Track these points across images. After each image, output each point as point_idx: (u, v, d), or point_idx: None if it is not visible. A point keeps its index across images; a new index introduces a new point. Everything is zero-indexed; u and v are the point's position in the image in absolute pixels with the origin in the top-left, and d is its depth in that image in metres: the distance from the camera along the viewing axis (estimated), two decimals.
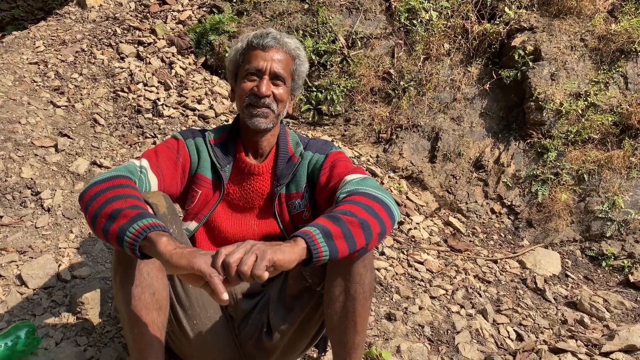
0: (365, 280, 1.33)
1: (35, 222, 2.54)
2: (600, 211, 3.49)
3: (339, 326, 1.37)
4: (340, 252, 1.17)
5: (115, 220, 1.15)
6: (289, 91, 1.62)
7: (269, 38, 1.56)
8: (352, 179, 1.44)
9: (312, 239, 1.12)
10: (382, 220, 1.27)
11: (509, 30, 4.12)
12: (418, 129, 4.07)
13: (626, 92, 3.77)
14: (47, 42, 4.24)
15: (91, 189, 1.26)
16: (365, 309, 1.37)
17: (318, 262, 1.14)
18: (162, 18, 4.55)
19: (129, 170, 1.38)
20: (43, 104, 3.46)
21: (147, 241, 1.11)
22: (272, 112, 1.57)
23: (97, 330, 2.01)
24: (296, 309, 1.53)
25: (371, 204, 1.28)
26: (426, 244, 3.18)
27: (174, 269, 1.06)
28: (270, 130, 1.62)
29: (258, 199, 1.66)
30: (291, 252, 1.08)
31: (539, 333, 2.47)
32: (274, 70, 1.55)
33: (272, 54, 1.55)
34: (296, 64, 1.62)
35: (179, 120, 3.53)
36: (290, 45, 1.59)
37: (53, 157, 2.98)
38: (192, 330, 1.55)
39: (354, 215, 1.22)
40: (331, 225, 1.17)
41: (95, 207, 1.20)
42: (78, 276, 2.24)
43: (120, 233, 1.13)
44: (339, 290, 1.34)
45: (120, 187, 1.25)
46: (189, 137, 1.66)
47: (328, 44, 4.16)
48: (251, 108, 1.56)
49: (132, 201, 1.20)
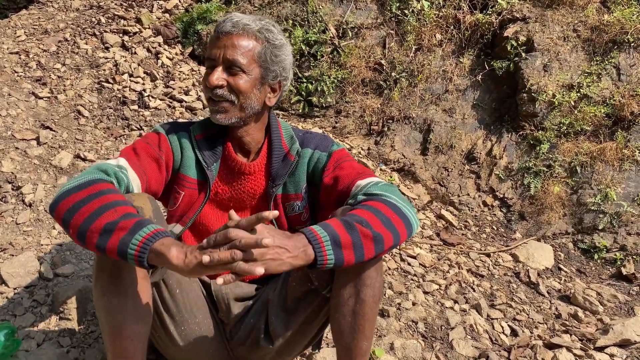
0: (377, 283, 1.27)
1: (16, 218, 2.45)
2: (592, 203, 3.47)
3: (348, 331, 1.31)
4: (346, 262, 1.12)
5: (112, 234, 1.06)
6: (255, 80, 1.40)
7: (227, 22, 1.38)
8: (369, 182, 1.35)
9: (319, 244, 1.09)
10: (398, 233, 1.21)
11: (501, 21, 4.06)
12: (410, 121, 4.01)
13: (619, 83, 3.74)
14: (29, 31, 4.11)
15: (65, 199, 1.13)
16: (375, 314, 1.31)
17: (322, 268, 1.11)
18: (148, 7, 4.44)
19: (101, 170, 1.24)
20: (24, 95, 3.35)
21: (153, 253, 1.05)
22: (232, 105, 1.39)
23: (81, 330, 1.94)
24: (299, 311, 1.45)
25: (390, 215, 1.21)
26: (419, 238, 3.14)
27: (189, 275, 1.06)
28: (242, 125, 1.46)
29: (250, 199, 1.54)
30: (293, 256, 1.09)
31: (534, 328, 2.44)
32: (227, 57, 1.35)
33: (227, 41, 1.36)
34: (265, 48, 1.39)
35: (165, 112, 3.44)
36: (251, 27, 1.38)
37: (35, 150, 2.88)
38: (180, 336, 1.48)
39: (370, 227, 1.16)
40: (343, 232, 1.12)
41: (81, 220, 1.10)
42: (61, 274, 2.17)
43: (123, 246, 1.05)
44: (349, 294, 1.27)
45: (102, 195, 1.14)
46: (171, 132, 1.50)
47: (318, 34, 4.08)
48: (212, 103, 1.41)
49: (121, 209, 1.11)
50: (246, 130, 1.48)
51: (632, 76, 3.73)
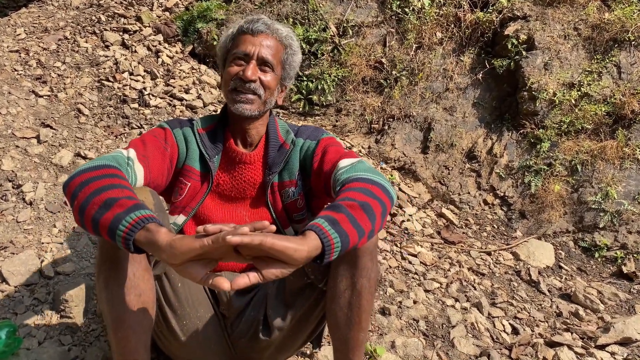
0: (372, 274, 1.28)
1: (16, 217, 2.45)
2: (593, 202, 3.47)
3: (343, 322, 1.32)
4: (350, 237, 1.09)
5: (110, 209, 1.06)
6: (278, 80, 1.55)
7: (259, 23, 1.50)
8: (345, 164, 1.38)
9: (320, 229, 1.05)
10: (381, 199, 1.21)
11: (502, 19, 4.06)
12: (410, 119, 4.01)
13: (619, 81, 3.74)
14: (29, 29, 4.10)
15: (78, 177, 1.17)
16: (371, 305, 1.32)
17: (331, 254, 1.06)
18: (148, 5, 4.43)
19: (117, 161, 1.29)
20: (24, 93, 3.35)
21: (145, 231, 1.03)
22: (259, 98, 1.50)
23: (82, 328, 1.94)
24: (297, 305, 1.48)
25: (366, 186, 1.23)
26: (419, 236, 3.13)
27: (176, 256, 0.98)
28: (257, 118, 1.55)
29: (250, 188, 1.60)
30: (300, 242, 1.01)
31: (535, 326, 2.44)
32: (262, 55, 1.48)
33: (261, 39, 1.49)
34: (287, 53, 1.55)
35: (165, 111, 3.44)
36: (281, 33, 1.53)
37: (35, 148, 2.87)
38: (181, 330, 1.49)
39: (352, 199, 1.16)
40: (333, 213, 1.11)
41: (87, 193, 1.11)
42: (62, 272, 2.16)
43: (115, 222, 1.04)
44: (345, 285, 1.29)
45: (113, 177, 1.17)
46: (176, 126, 1.58)
47: (319, 32, 4.07)
48: (235, 93, 1.49)
49: (127, 192, 1.12)
50: (255, 124, 1.57)
51: (632, 74, 3.73)
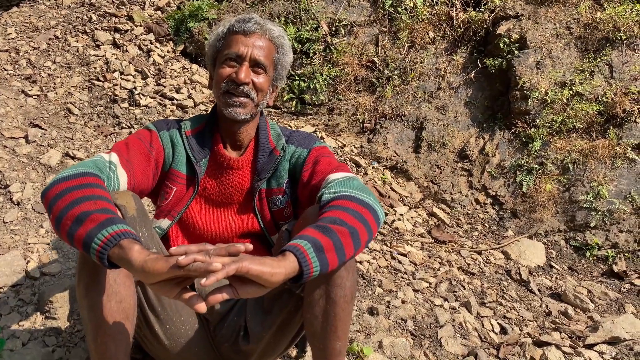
0: (347, 283, 1.25)
1: (3, 217, 2.44)
2: (584, 201, 3.47)
3: (319, 331, 1.30)
4: (330, 265, 1.10)
5: (82, 224, 1.06)
6: (270, 81, 1.52)
7: (251, 23, 1.46)
8: (336, 178, 1.36)
9: (302, 254, 1.05)
10: (370, 226, 1.21)
11: (494, 18, 4.06)
12: (402, 119, 4.00)
13: (611, 81, 3.73)
14: (20, 28, 4.08)
15: (55, 186, 1.16)
16: (347, 313, 1.29)
17: (308, 277, 1.06)
18: (140, 4, 4.42)
19: (97, 167, 1.27)
20: (14, 93, 3.33)
21: (118, 248, 1.02)
22: (251, 101, 1.46)
23: (67, 330, 1.93)
24: (274, 311, 1.45)
25: (359, 209, 1.21)
26: (410, 236, 3.13)
27: (148, 277, 0.98)
28: (249, 121, 1.52)
29: (237, 194, 1.57)
30: (276, 265, 1.00)
31: (523, 326, 2.44)
32: (254, 57, 1.44)
33: (253, 40, 1.45)
34: (279, 53, 1.51)
35: (156, 110, 3.43)
36: (274, 33, 1.49)
37: (23, 148, 2.86)
38: (165, 334, 1.47)
39: (344, 223, 1.15)
40: (321, 236, 1.10)
41: (61, 207, 1.11)
42: (48, 273, 2.15)
43: (88, 239, 1.04)
44: (319, 294, 1.27)
45: (88, 187, 1.15)
46: (163, 128, 1.54)
47: (311, 31, 4.06)
48: (228, 97, 1.45)
49: (102, 203, 1.11)
50: (245, 127, 1.54)
51: (624, 73, 3.72)
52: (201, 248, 1.02)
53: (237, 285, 1.01)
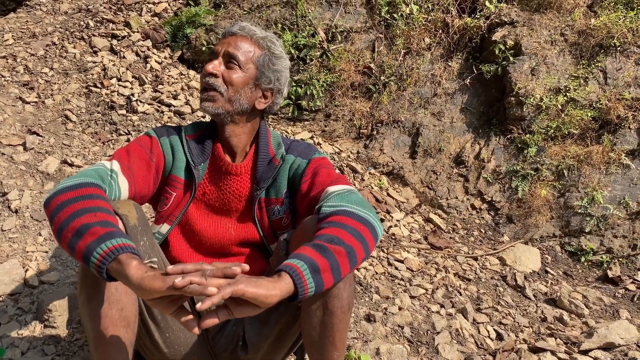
0: (344, 294, 1.26)
1: (1, 225, 2.44)
2: (579, 206, 3.50)
3: (317, 342, 1.31)
4: (325, 285, 1.12)
5: (82, 237, 1.08)
6: (248, 79, 1.49)
7: (235, 27, 1.52)
8: (335, 191, 1.36)
9: (298, 275, 1.07)
10: (367, 244, 1.22)
11: (489, 25, 4.09)
12: (399, 125, 4.03)
13: (605, 87, 3.77)
14: (17, 34, 4.09)
15: (58, 197, 1.18)
16: (344, 324, 1.31)
17: (303, 297, 1.09)
18: (137, 10, 4.43)
19: (99, 175, 1.29)
20: (11, 99, 3.34)
21: (116, 263, 1.04)
22: (220, 95, 1.46)
23: (66, 338, 1.94)
24: (272, 321, 1.47)
25: (357, 227, 1.22)
26: (406, 242, 3.15)
27: (145, 293, 1.00)
28: (231, 122, 1.51)
29: (236, 200, 1.58)
30: (271, 287, 1.02)
31: (519, 332, 2.46)
32: (227, 50, 1.47)
33: (232, 39, 1.49)
34: (265, 55, 1.51)
35: (153, 117, 3.44)
36: (256, 34, 1.51)
37: (21, 155, 2.87)
38: (164, 343, 1.49)
39: (341, 242, 1.17)
40: (318, 257, 1.12)
41: (62, 218, 1.13)
42: (46, 281, 2.16)
43: (87, 252, 1.06)
44: (317, 305, 1.28)
45: (90, 198, 1.17)
46: (163, 135, 1.56)
47: (307, 37, 4.08)
48: (202, 92, 1.49)
49: (102, 216, 1.13)
50: (233, 130, 1.54)
51: (618, 80, 3.76)
52: (198, 268, 1.03)
53: (232, 305, 1.02)
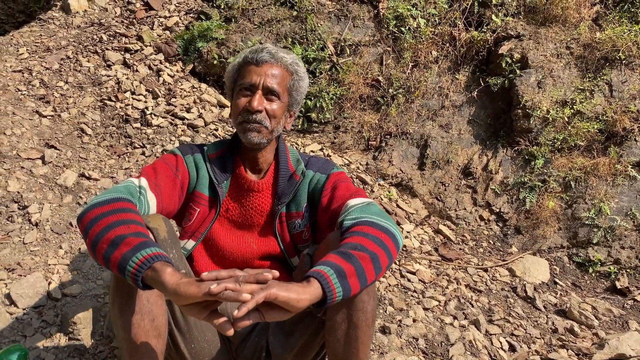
0: (368, 307, 1.31)
1: (23, 238, 2.49)
2: (586, 218, 3.54)
3: (342, 354, 1.36)
4: (352, 290, 1.17)
5: (117, 247, 1.13)
6: (285, 107, 1.59)
7: (264, 52, 1.54)
8: (356, 204, 1.42)
9: (326, 280, 1.11)
10: (390, 251, 1.27)
11: (496, 38, 4.15)
12: (407, 136, 4.08)
13: (611, 99, 3.83)
14: (31, 48, 4.16)
15: (91, 211, 1.24)
16: (368, 337, 1.36)
17: (332, 302, 1.13)
18: (149, 24, 4.50)
19: (129, 192, 1.35)
20: (28, 113, 3.40)
21: (151, 271, 1.09)
22: (265, 128, 1.54)
23: (90, 350, 1.98)
24: (296, 334, 1.52)
25: (379, 235, 1.27)
26: (417, 253, 3.19)
27: (180, 299, 1.05)
28: (266, 146, 1.60)
29: (258, 216, 1.64)
30: (302, 292, 1.07)
31: (531, 343, 2.50)
32: (267, 84, 1.52)
33: (266, 69, 1.53)
34: (294, 79, 1.59)
35: (167, 130, 3.50)
36: (286, 60, 1.57)
37: (40, 169, 2.92)
38: (189, 353, 1.54)
39: (365, 249, 1.21)
40: (344, 263, 1.17)
41: (97, 231, 1.18)
42: (69, 294, 2.21)
43: (123, 261, 1.11)
44: (342, 318, 1.33)
45: (122, 212, 1.23)
46: (187, 153, 1.64)
47: (317, 51, 4.15)
48: (245, 124, 1.54)
49: (135, 227, 1.19)
50: (263, 152, 1.62)
51: (623, 92, 3.82)
52: (231, 274, 1.09)
53: (264, 309, 1.07)
